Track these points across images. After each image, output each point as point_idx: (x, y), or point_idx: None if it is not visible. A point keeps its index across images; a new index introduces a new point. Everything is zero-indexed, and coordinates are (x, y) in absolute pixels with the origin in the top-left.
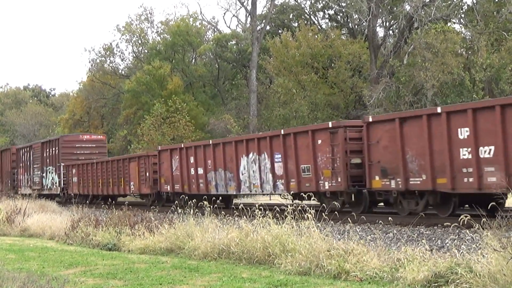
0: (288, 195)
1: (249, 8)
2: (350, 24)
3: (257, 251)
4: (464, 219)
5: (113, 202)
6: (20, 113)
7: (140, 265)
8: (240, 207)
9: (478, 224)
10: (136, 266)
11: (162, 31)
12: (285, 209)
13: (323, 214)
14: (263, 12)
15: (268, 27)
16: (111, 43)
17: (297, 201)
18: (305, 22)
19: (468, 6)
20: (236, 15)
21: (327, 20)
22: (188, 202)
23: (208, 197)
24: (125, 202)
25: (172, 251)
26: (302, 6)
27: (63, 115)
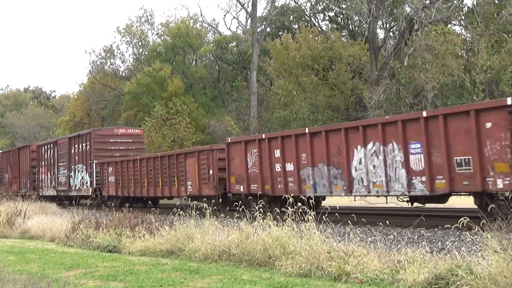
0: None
1: (249, 10)
2: (350, 26)
3: (258, 253)
4: (464, 221)
5: (154, 205)
6: (21, 115)
7: (140, 267)
8: (239, 208)
9: (478, 226)
10: (137, 268)
11: (162, 33)
12: (286, 211)
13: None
14: (264, 14)
15: (268, 29)
16: (111, 45)
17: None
18: (306, 24)
19: (468, 8)
20: (236, 17)
21: (328, 22)
22: (269, 205)
23: (294, 199)
24: (176, 204)
25: (173, 253)
26: (303, 8)
27: (64, 117)
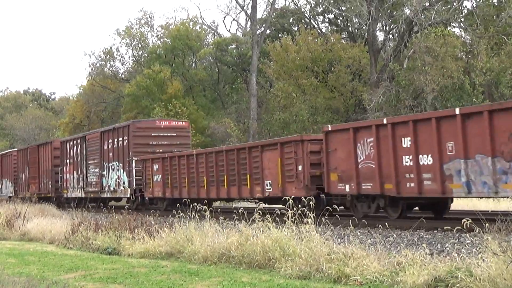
0: None
1: (249, 12)
2: (350, 28)
3: (257, 255)
4: (466, 223)
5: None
6: (20, 117)
7: (140, 269)
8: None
9: (479, 228)
10: (136, 270)
11: (162, 35)
12: (285, 213)
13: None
14: (263, 16)
15: (268, 31)
16: (111, 47)
17: None
18: (305, 26)
19: (468, 10)
20: (236, 19)
21: (327, 24)
22: (389, 207)
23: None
24: (238, 208)
25: (172, 255)
26: (302, 10)
27: (63, 119)
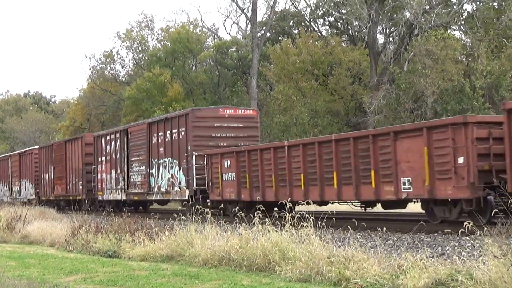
0: None
1: (249, 15)
2: (350, 31)
3: (257, 258)
4: (468, 226)
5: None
6: (21, 120)
7: (140, 272)
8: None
9: (480, 231)
10: (137, 273)
11: (162, 38)
12: (284, 216)
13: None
14: (264, 19)
15: (268, 34)
16: (111, 50)
17: None
18: (305, 29)
19: (468, 13)
20: (236, 22)
21: (327, 27)
22: None
23: None
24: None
25: (173, 258)
26: (302, 13)
27: (64, 122)
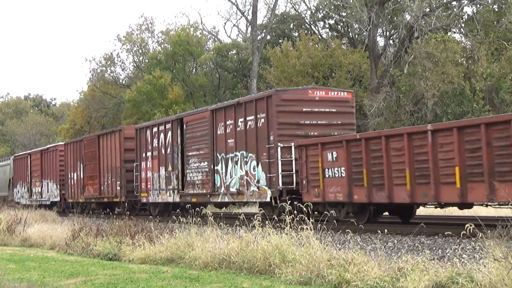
0: None
1: (249, 18)
2: (350, 34)
3: (258, 261)
4: (470, 228)
5: None
6: (21, 122)
7: (140, 275)
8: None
9: (482, 233)
10: (137, 276)
11: (162, 41)
12: (284, 219)
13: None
14: (264, 22)
15: (268, 37)
16: (111, 53)
17: None
18: (306, 31)
19: (468, 16)
20: (236, 25)
21: (328, 30)
22: None
23: None
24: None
25: (173, 261)
26: (303, 16)
27: (64, 125)
